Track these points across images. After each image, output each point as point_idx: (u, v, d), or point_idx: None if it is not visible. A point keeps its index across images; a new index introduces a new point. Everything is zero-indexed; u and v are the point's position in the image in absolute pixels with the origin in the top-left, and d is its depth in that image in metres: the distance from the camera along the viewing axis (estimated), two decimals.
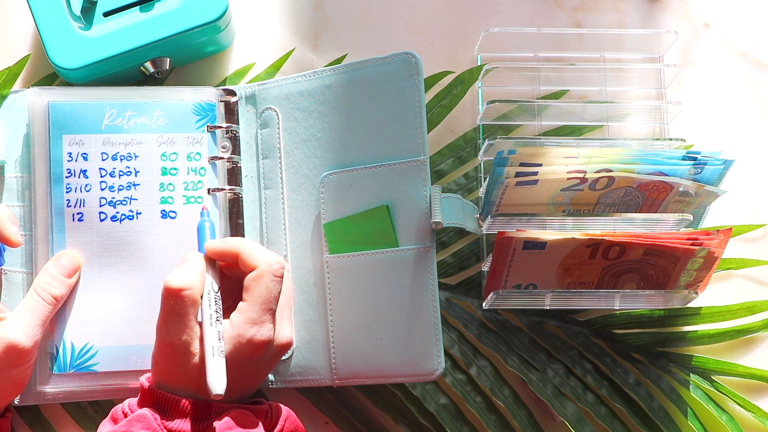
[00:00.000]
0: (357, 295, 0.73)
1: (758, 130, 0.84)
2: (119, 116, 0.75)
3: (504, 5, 0.85)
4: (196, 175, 0.76)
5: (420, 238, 0.73)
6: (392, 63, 0.74)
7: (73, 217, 0.74)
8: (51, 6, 0.76)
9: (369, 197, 0.74)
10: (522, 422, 0.76)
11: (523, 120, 0.81)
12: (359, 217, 0.74)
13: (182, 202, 0.76)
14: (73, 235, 0.74)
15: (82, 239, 0.74)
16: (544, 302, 0.75)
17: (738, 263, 0.81)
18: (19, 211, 0.75)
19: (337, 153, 0.75)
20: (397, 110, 0.74)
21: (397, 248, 0.73)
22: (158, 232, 0.75)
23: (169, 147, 0.76)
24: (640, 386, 0.77)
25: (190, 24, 0.76)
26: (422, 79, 0.74)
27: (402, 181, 0.73)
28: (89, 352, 0.73)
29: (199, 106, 0.77)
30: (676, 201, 0.75)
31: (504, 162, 0.72)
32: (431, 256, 0.73)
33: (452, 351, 0.77)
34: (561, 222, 0.73)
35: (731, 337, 0.79)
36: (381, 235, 0.73)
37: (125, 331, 0.74)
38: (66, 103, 0.75)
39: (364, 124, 0.75)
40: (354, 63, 0.75)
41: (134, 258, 0.74)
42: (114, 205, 0.75)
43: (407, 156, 0.73)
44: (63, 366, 0.73)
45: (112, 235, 0.74)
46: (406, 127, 0.74)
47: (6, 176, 0.76)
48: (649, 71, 0.84)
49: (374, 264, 0.73)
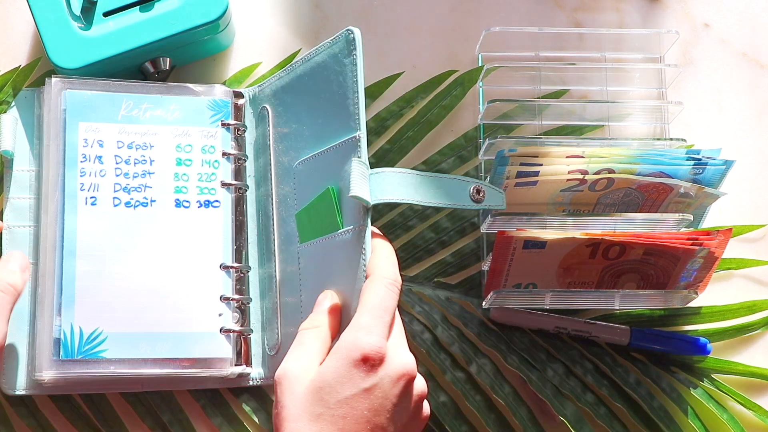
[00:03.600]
0: (319, 282, 0.72)
1: (758, 130, 0.84)
2: (135, 108, 0.76)
3: (504, 5, 0.85)
4: (210, 167, 0.76)
5: (355, 219, 0.69)
6: (338, 43, 0.71)
7: (86, 201, 0.74)
8: (51, 6, 0.76)
9: (323, 182, 0.72)
10: (522, 420, 0.76)
11: (523, 119, 0.81)
12: (314, 203, 0.73)
13: (196, 192, 0.76)
14: (84, 218, 0.73)
15: (94, 223, 0.73)
16: (544, 302, 0.75)
17: (738, 263, 0.81)
18: (27, 203, 0.75)
19: (306, 142, 0.74)
20: (341, 90, 0.71)
21: (340, 231, 0.70)
22: (172, 221, 0.75)
23: (184, 139, 0.76)
24: (640, 386, 0.77)
25: (190, 24, 0.76)
26: (360, 53, 0.70)
27: (343, 161, 0.70)
28: (98, 338, 0.72)
29: (214, 102, 0.77)
30: (676, 202, 0.75)
31: (505, 161, 0.72)
32: (363, 236, 0.67)
33: (452, 349, 0.77)
34: (561, 221, 0.73)
35: (731, 336, 0.79)
36: (330, 219, 0.71)
37: (136, 318, 0.73)
38: (83, 93, 0.75)
39: (319, 109, 0.73)
40: (313, 49, 0.74)
41: (147, 245, 0.74)
42: (128, 191, 0.74)
43: (346, 135, 0.70)
44: (71, 351, 0.71)
45: (125, 220, 0.74)
46: (345, 105, 0.71)
47: (15, 169, 0.76)
48: (649, 71, 0.84)
49: (326, 249, 0.71)
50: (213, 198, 0.76)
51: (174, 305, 0.73)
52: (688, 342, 0.78)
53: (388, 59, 0.83)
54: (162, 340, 0.72)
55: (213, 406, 0.76)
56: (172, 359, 0.73)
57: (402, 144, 0.81)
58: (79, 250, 0.73)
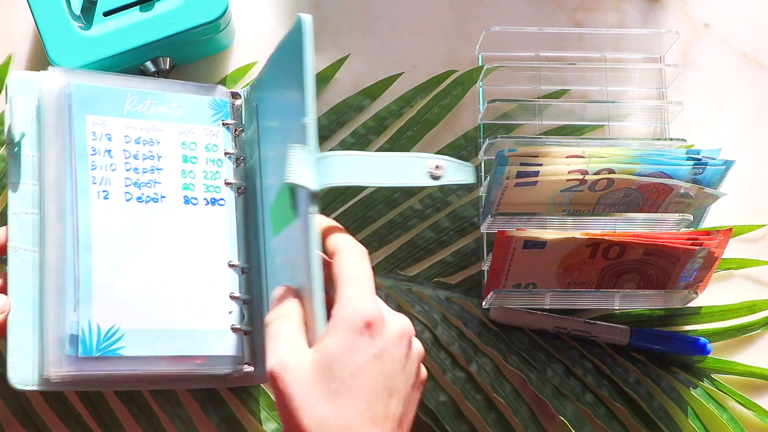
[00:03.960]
0: (285, 274, 0.71)
1: (758, 130, 0.84)
2: (140, 103, 0.75)
3: (504, 5, 0.85)
4: (214, 165, 0.76)
5: (303, 207, 0.67)
6: (294, 31, 0.69)
7: (99, 195, 0.72)
8: (51, 6, 0.76)
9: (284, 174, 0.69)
10: (522, 420, 0.76)
11: (523, 119, 0.81)
12: (278, 196, 0.72)
13: (203, 189, 0.75)
14: (98, 212, 0.72)
15: (108, 217, 0.72)
16: (544, 302, 0.75)
17: (738, 263, 0.81)
18: (30, 189, 0.73)
19: (280, 135, 0.73)
20: (295, 77, 0.69)
21: (294, 221, 0.68)
22: (182, 218, 0.74)
23: (188, 137, 0.76)
24: (640, 386, 0.77)
25: (190, 24, 0.76)
26: (308, 40, 0.67)
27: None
28: (116, 334, 0.70)
29: (215, 102, 0.77)
30: (676, 202, 0.75)
31: (505, 161, 0.72)
32: (309, 224, 0.64)
33: (452, 348, 0.77)
34: (561, 221, 0.73)
35: (731, 336, 0.79)
36: (287, 211, 0.69)
37: (150, 314, 0.72)
38: (89, 85, 0.74)
39: (285, 100, 0.72)
40: (279, 42, 0.72)
41: (159, 241, 0.73)
42: (139, 186, 0.74)
43: (300, 123, 0.68)
44: (89, 348, 0.69)
45: (138, 216, 0.73)
46: (297, 93, 0.68)
47: (23, 154, 0.74)
48: (649, 71, 0.84)
49: (288, 241, 0.70)
50: (219, 196, 0.76)
51: (186, 302, 0.73)
52: (688, 342, 0.78)
53: (388, 59, 0.83)
54: (176, 337, 0.72)
55: (211, 404, 0.76)
56: (186, 357, 0.72)
57: (402, 144, 0.81)
58: (94, 245, 0.71)
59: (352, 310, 0.61)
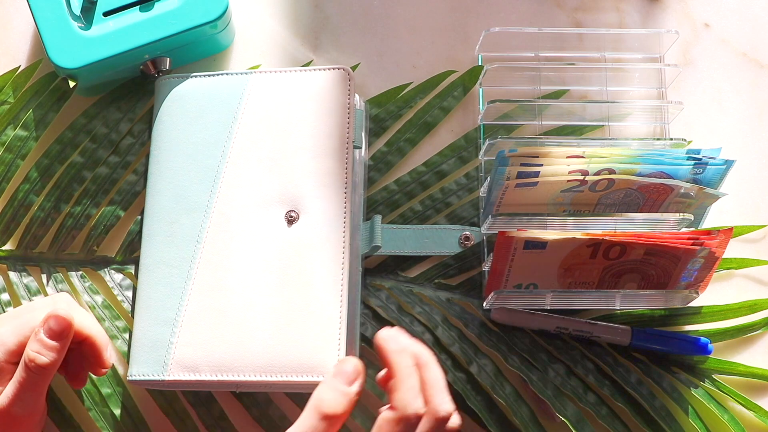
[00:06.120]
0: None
1: (758, 130, 0.84)
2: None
3: (504, 5, 0.85)
4: None
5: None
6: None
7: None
8: (51, 6, 0.76)
9: None
10: (523, 420, 0.76)
11: (523, 120, 0.81)
12: None
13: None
14: None
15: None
16: (545, 302, 0.75)
17: (739, 263, 0.81)
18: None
19: None
20: None
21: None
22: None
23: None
24: (641, 386, 0.77)
25: (190, 24, 0.76)
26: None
27: None
28: None
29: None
30: (677, 202, 0.75)
31: (505, 162, 0.72)
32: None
33: (452, 349, 0.77)
34: (562, 222, 0.73)
35: (732, 336, 0.79)
36: None
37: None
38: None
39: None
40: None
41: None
42: None
43: None
44: None
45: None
46: None
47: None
48: (649, 71, 0.84)
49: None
50: None
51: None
52: (689, 342, 0.77)
53: (388, 59, 0.83)
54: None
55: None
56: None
57: (400, 146, 0.81)
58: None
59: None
